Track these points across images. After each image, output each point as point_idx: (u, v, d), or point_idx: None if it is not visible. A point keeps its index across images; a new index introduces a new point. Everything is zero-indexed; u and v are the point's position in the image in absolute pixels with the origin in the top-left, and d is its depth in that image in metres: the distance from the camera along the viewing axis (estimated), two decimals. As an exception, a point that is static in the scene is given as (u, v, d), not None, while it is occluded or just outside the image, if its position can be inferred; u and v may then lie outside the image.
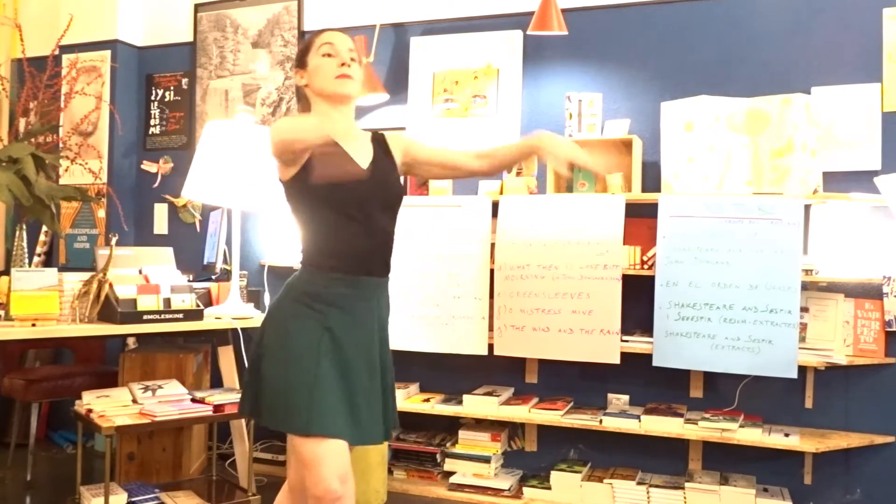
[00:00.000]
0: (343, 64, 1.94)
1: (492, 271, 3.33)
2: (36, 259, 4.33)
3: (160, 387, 3.09)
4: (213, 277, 3.78)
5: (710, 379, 3.27)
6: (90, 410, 2.86)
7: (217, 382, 3.50)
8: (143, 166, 4.42)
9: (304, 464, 1.79)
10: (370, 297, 1.93)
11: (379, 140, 2.05)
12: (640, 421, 3.15)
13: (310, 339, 1.83)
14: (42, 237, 4.39)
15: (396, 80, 3.81)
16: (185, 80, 4.36)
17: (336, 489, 1.75)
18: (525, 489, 3.30)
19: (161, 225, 4.36)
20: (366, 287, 1.92)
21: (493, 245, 3.34)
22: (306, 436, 1.77)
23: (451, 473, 3.39)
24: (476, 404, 3.37)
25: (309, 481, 1.78)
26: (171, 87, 4.40)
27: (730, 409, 3.19)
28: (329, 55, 1.95)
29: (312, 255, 1.92)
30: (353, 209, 1.87)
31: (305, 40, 2.08)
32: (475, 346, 3.35)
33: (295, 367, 1.82)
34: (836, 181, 3.10)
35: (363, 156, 1.96)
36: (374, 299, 1.95)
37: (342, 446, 1.80)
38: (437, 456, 3.47)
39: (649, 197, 3.16)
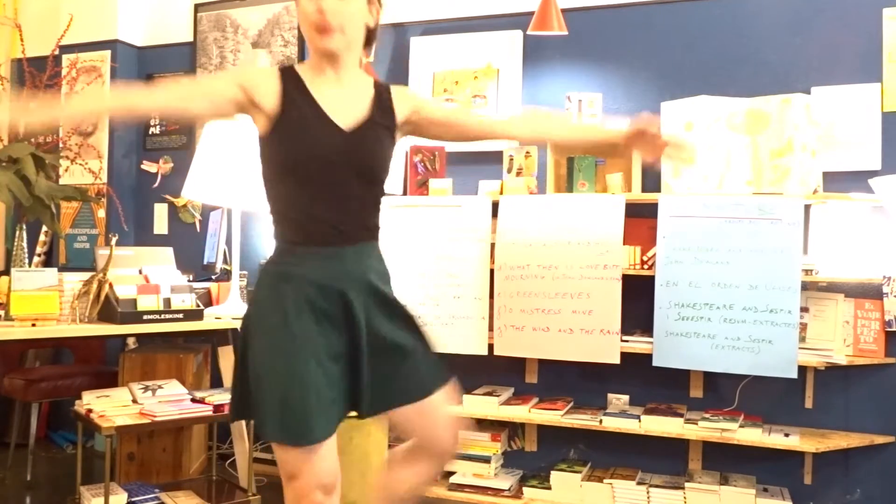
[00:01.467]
0: (319, 10, 1.66)
1: (492, 271, 3.33)
2: (36, 259, 4.33)
3: (160, 387, 3.09)
4: (213, 277, 3.79)
5: (710, 379, 3.27)
6: (90, 410, 2.86)
7: (217, 382, 3.50)
8: (143, 166, 4.42)
9: (284, 474, 1.65)
10: (350, 267, 1.72)
11: (382, 95, 1.82)
12: (640, 421, 3.15)
13: (285, 326, 1.64)
14: (42, 237, 4.39)
15: (396, 80, 3.78)
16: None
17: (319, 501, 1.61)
18: (525, 489, 3.29)
19: (161, 225, 4.36)
20: (342, 258, 1.71)
21: (493, 245, 3.34)
22: (286, 445, 1.62)
23: (451, 473, 3.38)
24: (476, 404, 3.37)
25: (290, 495, 1.66)
26: (171, 87, 4.39)
27: (730, 409, 3.19)
28: None
29: (279, 228, 1.75)
30: (317, 175, 1.69)
31: None
32: (475, 346, 3.35)
33: (272, 363, 1.65)
34: (836, 181, 3.10)
35: (348, 115, 1.73)
36: (356, 267, 1.73)
37: (328, 449, 1.64)
38: (438, 456, 3.47)
39: (649, 197, 3.16)
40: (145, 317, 2.87)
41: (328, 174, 1.69)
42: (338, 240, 1.71)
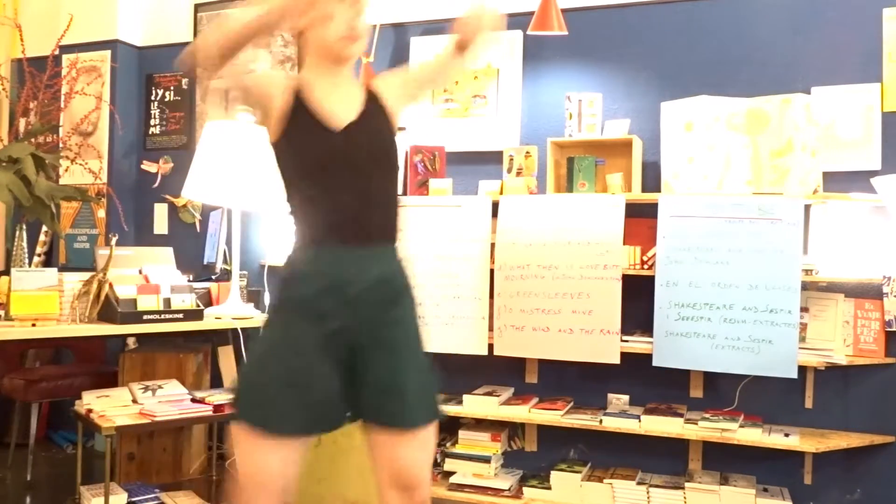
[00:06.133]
0: (353, 25, 1.74)
1: (492, 271, 3.33)
2: (36, 259, 4.33)
3: (160, 387, 3.09)
4: (213, 277, 3.79)
5: (710, 379, 3.27)
6: (90, 410, 2.86)
7: (217, 382, 3.50)
8: (143, 166, 4.42)
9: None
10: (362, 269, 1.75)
11: (371, 91, 1.87)
12: (640, 421, 3.15)
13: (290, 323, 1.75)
14: (42, 237, 4.39)
15: (396, 80, 3.81)
16: (185, 80, 4.36)
17: None
18: (525, 489, 3.29)
19: (161, 225, 4.36)
20: (357, 259, 1.76)
21: (493, 245, 3.34)
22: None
23: (451, 473, 3.38)
24: (476, 404, 3.37)
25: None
26: (171, 87, 4.40)
27: (730, 409, 3.19)
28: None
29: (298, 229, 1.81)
30: (327, 170, 1.75)
31: None
32: (475, 346, 3.35)
33: (270, 353, 1.76)
34: (836, 181, 3.10)
35: (348, 108, 1.79)
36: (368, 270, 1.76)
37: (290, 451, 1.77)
38: (437, 456, 3.47)
39: (649, 197, 3.17)
40: (145, 317, 2.87)
41: (329, 166, 1.75)
42: (352, 238, 1.76)
